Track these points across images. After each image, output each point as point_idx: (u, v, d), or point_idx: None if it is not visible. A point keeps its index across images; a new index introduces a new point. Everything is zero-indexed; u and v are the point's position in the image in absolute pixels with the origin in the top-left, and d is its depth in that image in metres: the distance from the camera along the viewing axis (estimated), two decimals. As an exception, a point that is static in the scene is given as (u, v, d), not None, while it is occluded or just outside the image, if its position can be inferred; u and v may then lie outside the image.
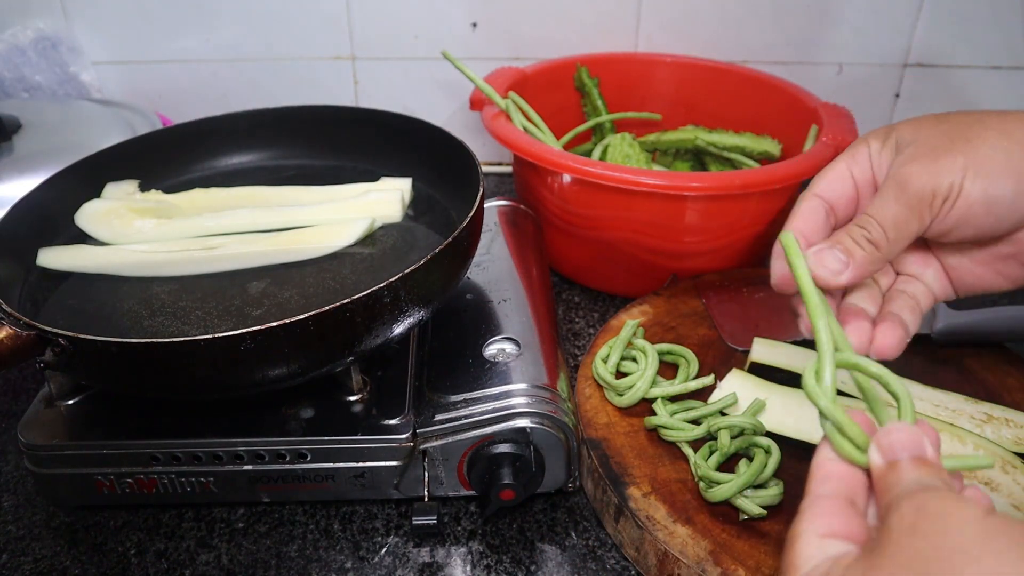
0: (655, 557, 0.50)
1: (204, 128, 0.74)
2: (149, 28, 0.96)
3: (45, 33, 0.93)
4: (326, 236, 0.62)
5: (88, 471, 0.53)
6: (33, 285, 0.60)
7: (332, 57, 0.99)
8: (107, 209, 0.65)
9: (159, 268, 0.60)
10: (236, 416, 0.53)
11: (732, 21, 0.96)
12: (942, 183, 0.37)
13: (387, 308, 0.50)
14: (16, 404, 0.66)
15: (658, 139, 0.89)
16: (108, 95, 0.98)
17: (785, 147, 0.85)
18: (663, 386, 0.58)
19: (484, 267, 0.68)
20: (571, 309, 0.78)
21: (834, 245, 0.40)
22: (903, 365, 0.62)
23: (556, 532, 0.55)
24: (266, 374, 0.48)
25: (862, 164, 0.42)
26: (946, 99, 1.00)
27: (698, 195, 0.68)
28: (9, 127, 0.77)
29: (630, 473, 0.53)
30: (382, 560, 0.53)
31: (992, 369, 0.63)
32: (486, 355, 0.58)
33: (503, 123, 0.76)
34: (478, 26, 0.97)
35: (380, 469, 0.53)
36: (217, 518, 0.56)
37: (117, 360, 0.47)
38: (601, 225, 0.72)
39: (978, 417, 0.56)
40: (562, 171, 0.70)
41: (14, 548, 0.54)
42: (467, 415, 0.53)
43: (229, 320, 0.55)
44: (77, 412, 0.55)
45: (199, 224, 0.64)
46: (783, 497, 0.51)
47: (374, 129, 0.73)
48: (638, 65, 0.94)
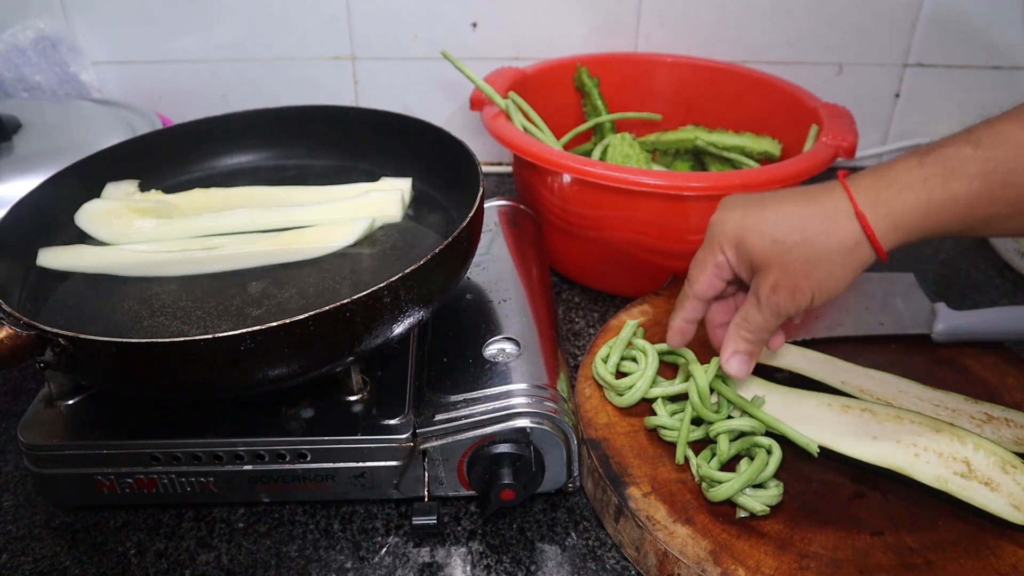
0: (655, 557, 0.50)
1: (204, 128, 0.74)
2: (149, 28, 0.96)
3: (45, 33, 0.93)
4: (326, 236, 0.62)
5: (88, 471, 0.53)
6: (33, 285, 0.60)
7: (332, 57, 0.99)
8: (107, 209, 0.65)
9: (159, 268, 0.60)
10: (236, 416, 0.53)
11: (732, 21, 0.96)
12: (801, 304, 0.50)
13: (387, 308, 0.50)
14: (16, 404, 0.66)
15: (658, 139, 0.89)
16: (108, 95, 0.98)
17: (785, 147, 0.85)
18: (663, 386, 0.58)
19: (484, 267, 0.68)
20: (571, 309, 0.78)
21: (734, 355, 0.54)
22: (904, 365, 0.62)
23: (556, 532, 0.55)
24: (266, 374, 0.48)
25: (721, 271, 0.54)
26: (946, 99, 1.01)
27: (698, 195, 0.68)
28: (9, 127, 0.77)
29: (630, 473, 0.53)
30: (382, 560, 0.53)
31: (992, 369, 0.63)
32: (486, 355, 0.58)
33: (503, 123, 0.76)
34: (478, 26, 0.97)
35: (380, 469, 0.53)
36: (217, 518, 0.56)
37: (117, 360, 0.46)
38: (601, 225, 0.72)
39: (978, 417, 0.56)
40: (562, 171, 0.70)
41: (14, 548, 0.54)
42: (467, 415, 0.53)
43: (229, 320, 0.55)
44: (77, 412, 0.55)
45: (199, 224, 0.64)
46: (783, 497, 0.51)
47: (374, 129, 0.73)
48: (638, 65, 0.94)
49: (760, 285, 0.51)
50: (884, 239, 0.47)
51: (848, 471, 0.53)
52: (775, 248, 0.50)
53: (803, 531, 0.49)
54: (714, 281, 0.55)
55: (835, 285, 0.50)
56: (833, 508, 0.51)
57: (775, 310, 0.51)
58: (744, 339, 0.53)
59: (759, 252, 0.50)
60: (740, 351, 0.53)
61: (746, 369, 0.54)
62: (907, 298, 0.69)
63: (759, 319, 0.52)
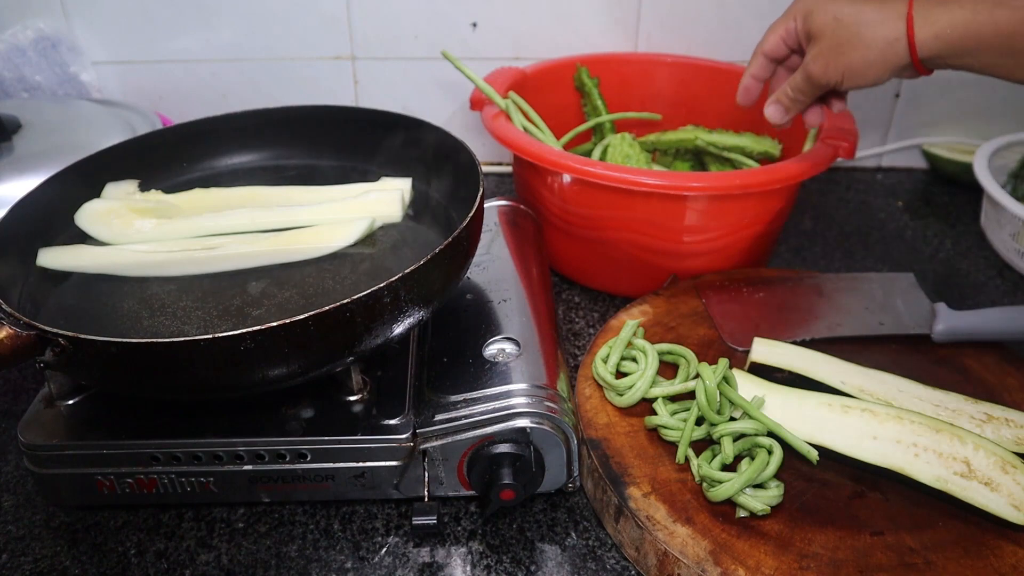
0: (655, 557, 0.50)
1: (204, 128, 0.74)
2: (149, 28, 0.96)
3: (45, 33, 0.93)
4: (326, 236, 0.62)
5: (88, 471, 0.53)
6: (33, 285, 0.60)
7: (332, 57, 0.99)
8: (107, 209, 0.65)
9: (159, 268, 0.60)
10: (236, 416, 0.53)
11: (732, 21, 0.96)
12: (831, 79, 0.61)
13: (387, 308, 0.50)
14: (16, 404, 0.66)
15: (658, 139, 0.89)
16: (108, 95, 0.98)
17: (785, 147, 0.85)
18: (663, 386, 0.58)
19: (484, 267, 0.68)
20: (571, 309, 0.78)
21: (775, 102, 0.66)
22: (904, 365, 0.62)
23: (556, 532, 0.55)
24: (266, 374, 0.48)
25: (789, 35, 0.65)
26: (946, 99, 1.01)
27: (698, 195, 0.68)
28: (9, 127, 0.77)
29: (630, 473, 0.53)
30: (382, 560, 0.53)
31: (992, 369, 0.63)
32: (486, 355, 0.58)
33: (503, 123, 0.76)
34: (478, 26, 0.97)
35: (380, 469, 0.53)
36: (217, 518, 0.56)
37: (117, 360, 0.46)
38: (601, 225, 0.72)
39: (978, 417, 0.56)
40: (562, 171, 0.70)
41: (14, 548, 0.54)
42: (467, 415, 0.53)
43: (229, 320, 0.55)
44: (77, 412, 0.55)
45: (199, 224, 0.64)
46: (783, 497, 0.51)
47: (374, 129, 0.73)
48: (638, 65, 0.94)
49: (808, 52, 0.62)
50: (922, 45, 0.56)
51: (848, 471, 0.53)
52: (831, 24, 0.59)
53: (803, 531, 0.49)
54: (780, 44, 0.65)
55: (864, 71, 0.59)
56: (833, 508, 0.51)
57: (810, 76, 0.62)
58: (785, 93, 0.65)
59: (818, 23, 0.60)
60: (779, 101, 0.66)
61: (779, 116, 0.66)
62: (907, 298, 0.69)
63: (799, 80, 0.63)
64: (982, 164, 0.86)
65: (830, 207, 0.98)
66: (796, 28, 0.63)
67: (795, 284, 0.72)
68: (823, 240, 0.91)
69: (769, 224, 0.73)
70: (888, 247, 0.90)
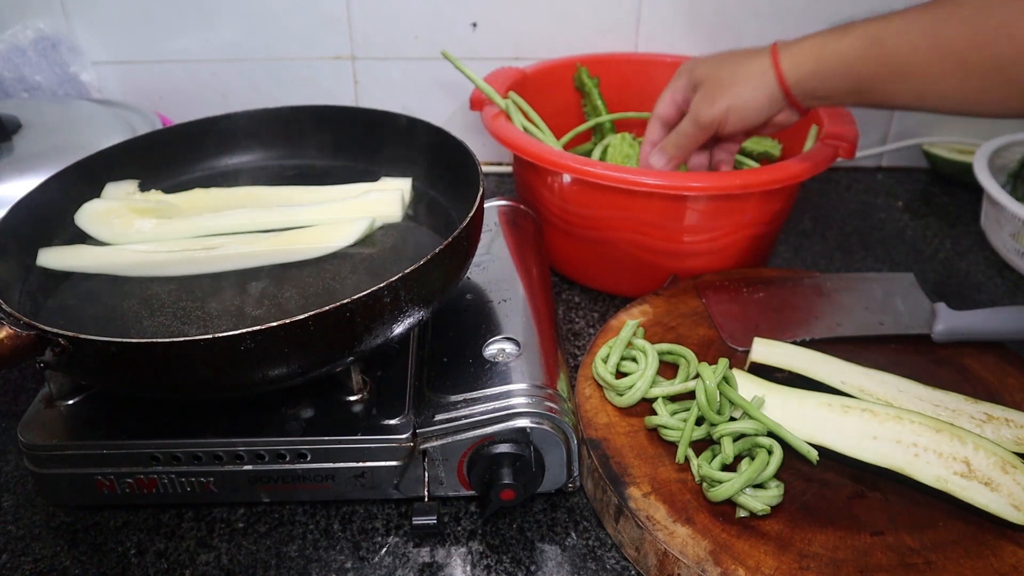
0: (655, 557, 0.50)
1: (204, 128, 0.74)
2: (149, 28, 0.96)
3: (45, 33, 0.93)
4: (326, 236, 0.62)
5: (88, 471, 0.53)
6: (33, 285, 0.60)
7: (332, 57, 0.99)
8: (107, 209, 0.65)
9: (159, 268, 0.60)
10: (236, 416, 0.53)
11: (732, 21, 0.96)
12: (716, 116, 0.66)
13: (387, 308, 0.50)
14: (16, 404, 0.66)
15: (658, 139, 0.89)
16: (108, 95, 0.98)
17: (785, 147, 0.85)
18: (663, 386, 0.58)
19: (484, 267, 0.68)
20: (571, 309, 0.78)
21: (660, 150, 0.71)
22: (904, 365, 0.62)
23: (556, 532, 0.55)
24: (266, 374, 0.48)
25: (677, 95, 0.70)
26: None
27: (698, 195, 0.68)
28: (9, 127, 0.77)
29: (630, 473, 0.53)
30: (382, 560, 0.53)
31: (992, 369, 0.63)
32: (486, 355, 0.58)
33: (503, 123, 0.76)
34: (478, 26, 0.97)
35: (380, 469, 0.53)
36: (217, 518, 0.56)
37: (117, 360, 0.46)
38: (601, 225, 0.72)
39: (978, 417, 0.56)
40: (562, 171, 0.70)
41: (14, 548, 0.54)
42: (467, 415, 0.53)
43: (229, 320, 0.55)
44: (77, 412, 0.55)
45: (199, 224, 0.64)
46: (783, 497, 0.51)
47: (374, 129, 0.73)
48: (638, 65, 0.94)
49: (694, 99, 0.68)
50: (786, 73, 0.63)
51: (848, 471, 0.53)
52: (713, 69, 0.67)
53: (803, 531, 0.49)
54: (672, 105, 0.71)
55: (745, 105, 0.65)
56: (833, 508, 0.51)
57: (696, 117, 0.67)
58: (670, 140, 0.70)
59: (701, 73, 0.67)
60: (663, 149, 0.71)
61: (661, 163, 0.71)
62: (907, 298, 0.69)
63: (685, 124, 0.68)
64: (982, 164, 0.86)
65: (830, 207, 0.98)
66: (684, 84, 0.69)
67: (795, 284, 0.72)
68: (823, 240, 0.91)
69: (769, 224, 0.73)
70: (888, 247, 0.90)
